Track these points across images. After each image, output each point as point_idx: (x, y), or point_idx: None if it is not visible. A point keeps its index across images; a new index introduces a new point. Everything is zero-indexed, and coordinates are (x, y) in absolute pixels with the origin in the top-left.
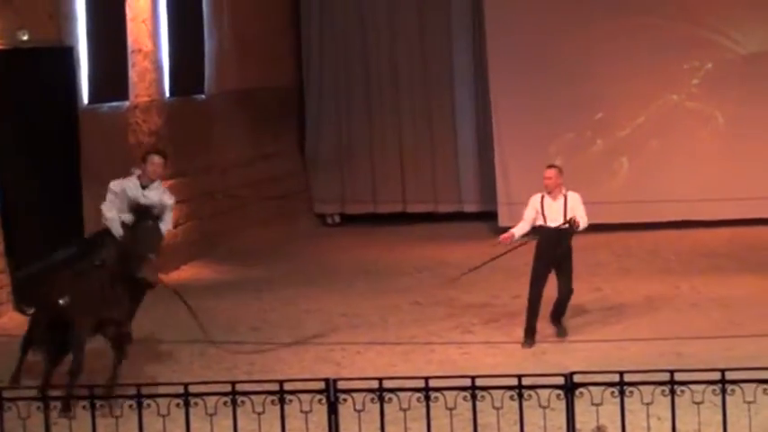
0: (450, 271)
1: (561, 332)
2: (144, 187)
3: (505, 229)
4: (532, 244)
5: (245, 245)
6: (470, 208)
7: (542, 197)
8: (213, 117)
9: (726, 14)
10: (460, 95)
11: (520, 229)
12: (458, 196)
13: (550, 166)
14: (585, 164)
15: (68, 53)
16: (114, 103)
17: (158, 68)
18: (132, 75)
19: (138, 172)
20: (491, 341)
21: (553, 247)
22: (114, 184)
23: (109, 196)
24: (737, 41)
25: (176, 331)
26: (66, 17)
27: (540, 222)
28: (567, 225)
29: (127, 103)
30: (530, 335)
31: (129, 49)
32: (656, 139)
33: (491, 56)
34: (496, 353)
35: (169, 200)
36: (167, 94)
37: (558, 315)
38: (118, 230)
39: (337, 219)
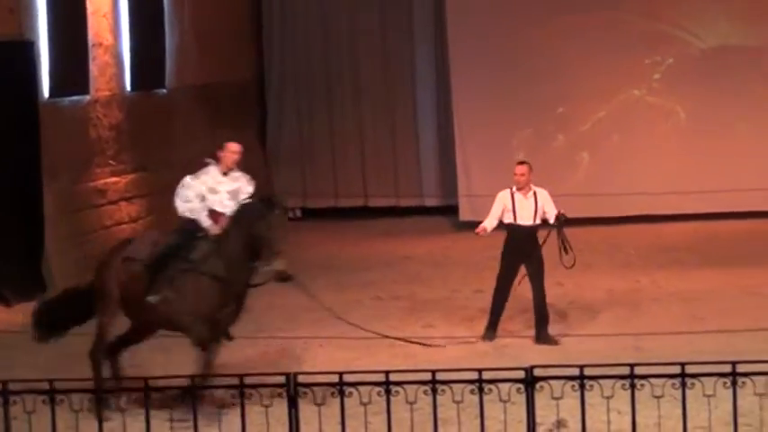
0: (414, 266)
1: (551, 341)
2: (224, 175)
3: (467, 223)
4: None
5: None
6: (432, 202)
7: (512, 193)
8: (174, 111)
9: (687, 9)
10: (422, 89)
11: (489, 224)
12: (419, 190)
13: (522, 163)
14: (547, 158)
15: (29, 47)
16: (75, 98)
17: (119, 63)
18: (93, 69)
19: (212, 162)
20: (452, 335)
21: (523, 245)
22: (191, 178)
23: (185, 191)
24: (698, 36)
25: None
26: (27, 11)
27: (509, 220)
28: (557, 221)
29: (87, 98)
30: (491, 329)
31: (90, 44)
32: (617, 134)
33: (453, 50)
34: (457, 347)
35: (248, 186)
36: (128, 89)
37: (542, 323)
38: (207, 222)
39: (299, 213)
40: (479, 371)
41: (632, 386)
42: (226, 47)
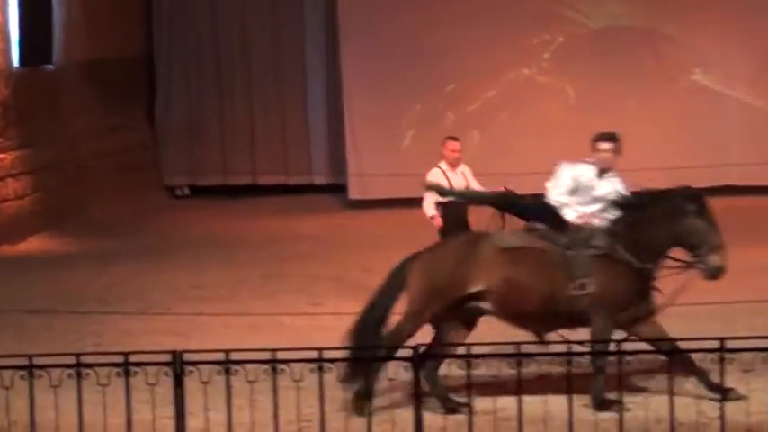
0: (303, 244)
1: None
2: (600, 175)
3: (356, 202)
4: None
5: (93, 217)
6: (320, 180)
7: (443, 171)
8: (62, 88)
9: None
10: (312, 66)
11: (432, 208)
12: (308, 168)
13: (455, 139)
14: (436, 137)
15: None
16: None
17: (6, 38)
18: None
19: (591, 159)
20: (341, 312)
21: (462, 222)
22: (567, 169)
23: (560, 181)
24: (588, 16)
25: (23, 302)
26: None
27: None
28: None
29: None
30: None
31: None
32: (506, 113)
33: (343, 26)
34: (344, 325)
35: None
36: (15, 64)
37: None
38: (572, 216)
39: (187, 191)
40: (366, 349)
41: (519, 364)
42: (115, 23)
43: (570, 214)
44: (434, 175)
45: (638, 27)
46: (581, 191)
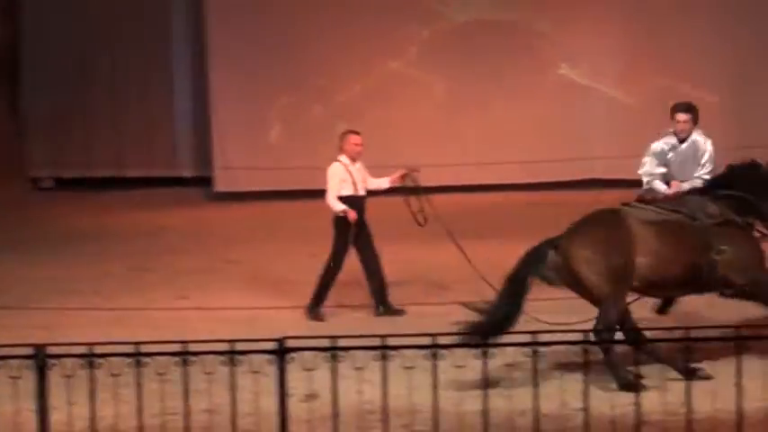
0: (168, 237)
1: (399, 311)
2: (681, 142)
3: (222, 194)
4: None
5: None
6: (187, 173)
7: (345, 165)
8: None
9: None
10: (177, 57)
11: (339, 203)
12: (174, 161)
13: (356, 132)
14: (304, 129)
15: None
16: None
17: None
18: None
19: (670, 131)
20: (205, 306)
21: (362, 216)
22: (655, 145)
23: (648, 159)
24: (455, 9)
25: None
26: None
27: (349, 191)
28: (405, 179)
29: None
30: (319, 305)
31: None
32: (374, 106)
33: (210, 17)
34: (211, 318)
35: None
36: None
37: (384, 293)
38: (662, 188)
39: (51, 183)
40: (231, 342)
41: (384, 357)
42: None
43: (660, 186)
44: (336, 170)
45: (506, 21)
46: (667, 162)
